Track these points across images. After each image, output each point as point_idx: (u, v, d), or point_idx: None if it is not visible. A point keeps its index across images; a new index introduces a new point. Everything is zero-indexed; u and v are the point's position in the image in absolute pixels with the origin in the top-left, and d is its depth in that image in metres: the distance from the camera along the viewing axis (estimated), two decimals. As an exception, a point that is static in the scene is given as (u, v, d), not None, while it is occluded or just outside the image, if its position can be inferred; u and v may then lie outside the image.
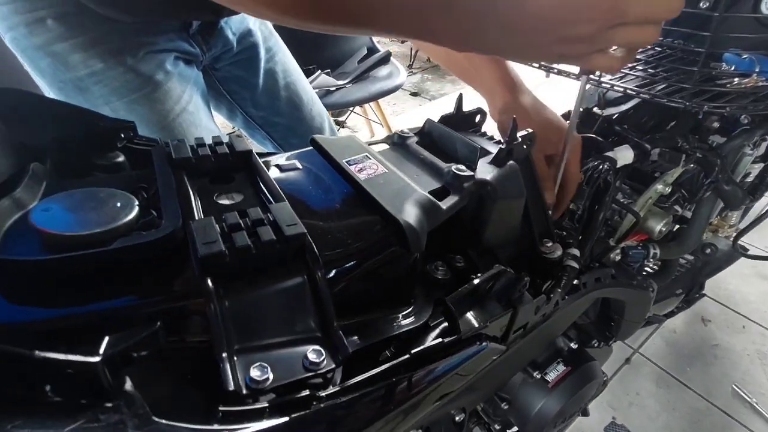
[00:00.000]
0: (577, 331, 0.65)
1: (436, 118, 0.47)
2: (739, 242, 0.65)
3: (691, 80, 0.37)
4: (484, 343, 0.32)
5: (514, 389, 0.57)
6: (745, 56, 0.39)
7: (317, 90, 1.59)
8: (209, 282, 0.23)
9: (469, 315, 0.32)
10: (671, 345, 1.10)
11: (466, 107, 0.47)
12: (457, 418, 0.48)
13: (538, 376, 0.55)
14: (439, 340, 0.29)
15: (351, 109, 2.04)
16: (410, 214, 0.31)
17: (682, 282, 0.74)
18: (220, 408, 0.19)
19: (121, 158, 0.37)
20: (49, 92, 0.56)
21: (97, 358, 0.17)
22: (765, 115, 0.55)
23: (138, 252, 0.24)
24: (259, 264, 0.25)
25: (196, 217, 0.27)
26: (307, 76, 1.62)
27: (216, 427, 0.19)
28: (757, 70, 0.38)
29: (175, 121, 0.61)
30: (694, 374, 1.03)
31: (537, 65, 0.51)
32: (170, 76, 0.60)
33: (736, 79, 0.40)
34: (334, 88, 1.57)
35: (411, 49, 3.37)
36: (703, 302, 1.20)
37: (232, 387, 0.20)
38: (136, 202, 0.27)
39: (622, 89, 0.43)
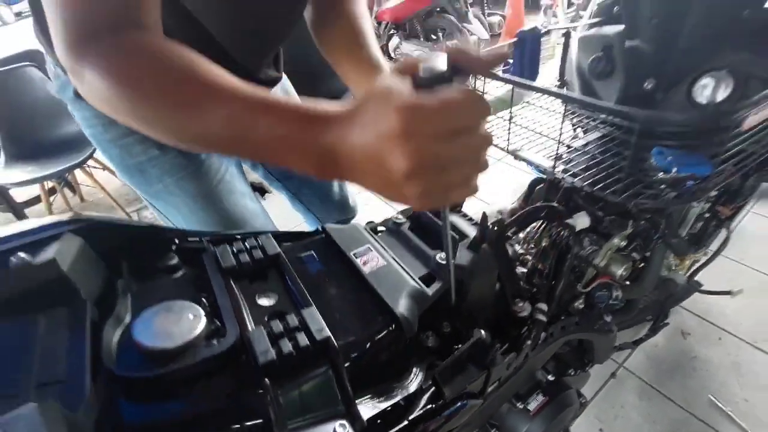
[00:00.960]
0: (555, 362, 0.75)
1: None
2: (694, 278, 0.75)
3: (621, 183, 0.47)
4: (464, 402, 0.42)
5: (502, 417, 0.67)
6: (668, 157, 0.49)
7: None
8: (267, 380, 0.33)
9: (454, 381, 0.42)
10: (653, 359, 1.20)
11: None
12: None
13: (521, 407, 0.65)
14: (431, 405, 0.39)
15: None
16: (404, 306, 0.41)
17: (651, 310, 0.84)
18: None
19: (175, 260, 0.47)
20: (116, 172, 0.69)
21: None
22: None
23: (213, 361, 0.34)
24: (297, 362, 0.35)
25: (248, 324, 0.37)
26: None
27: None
28: (674, 170, 0.48)
29: (215, 189, 0.72)
30: (674, 386, 1.13)
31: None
32: (210, 154, 0.71)
33: (661, 173, 0.50)
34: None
35: (404, 69, 3.48)
36: (682, 316, 1.30)
37: None
38: (203, 314, 0.37)
39: (570, 182, 0.53)
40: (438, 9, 2.91)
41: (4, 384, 0.30)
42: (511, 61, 0.74)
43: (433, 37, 3.14)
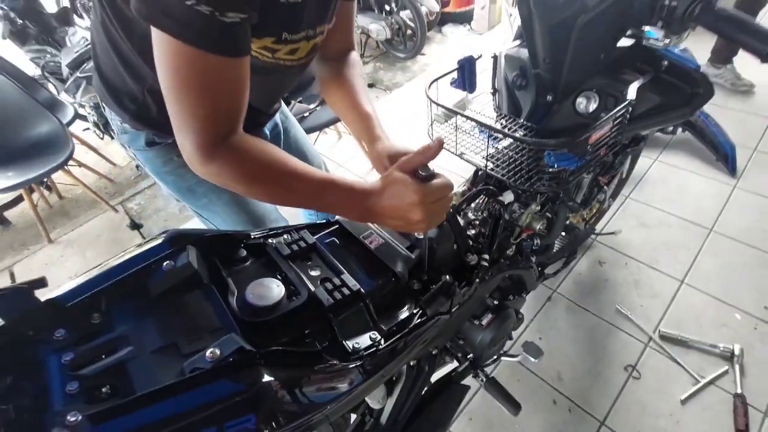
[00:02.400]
0: (499, 291, 1.06)
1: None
2: (589, 225, 1.07)
3: (524, 175, 0.75)
4: (439, 317, 0.70)
5: (465, 331, 0.98)
6: (552, 157, 0.76)
7: (296, 116, 1.87)
8: (331, 315, 0.59)
9: (431, 305, 0.71)
10: (578, 284, 1.57)
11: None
12: (433, 353, 0.88)
13: (477, 323, 0.96)
14: (420, 320, 0.67)
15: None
16: (399, 266, 0.69)
17: (565, 250, 1.17)
18: (351, 357, 0.57)
19: (244, 253, 0.72)
20: (171, 193, 0.90)
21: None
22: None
23: (298, 310, 0.60)
24: (344, 303, 0.61)
25: (310, 286, 0.63)
26: (286, 104, 1.94)
27: (350, 364, 0.56)
28: (555, 165, 0.75)
29: (243, 197, 0.94)
30: (592, 302, 1.51)
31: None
32: None
33: (551, 169, 0.77)
34: (308, 114, 1.86)
35: (361, 40, 3.59)
36: (601, 249, 1.68)
37: (351, 350, 0.57)
38: (282, 285, 0.63)
39: (498, 175, 0.80)
40: (390, -18, 3.01)
41: (192, 333, 0.55)
42: (455, 77, 0.98)
43: (387, 8, 3.25)
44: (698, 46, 0.93)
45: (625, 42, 0.82)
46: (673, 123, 0.82)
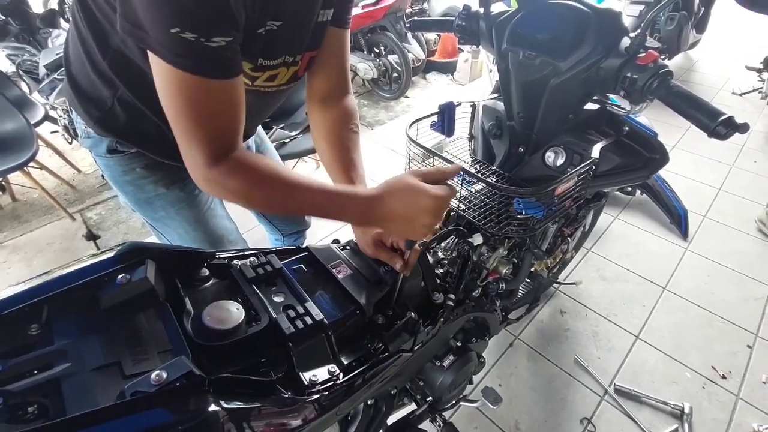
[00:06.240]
0: (463, 333, 1.06)
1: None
2: (552, 273, 1.11)
3: (494, 219, 0.77)
4: (401, 354, 0.69)
5: (426, 372, 0.96)
6: (521, 204, 0.80)
7: (275, 143, 1.88)
8: (290, 344, 0.57)
9: (394, 342, 0.70)
10: (539, 331, 1.60)
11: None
12: (392, 392, 0.86)
13: (438, 364, 0.95)
14: (381, 356, 0.66)
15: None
16: (364, 299, 0.68)
17: (528, 296, 1.20)
18: (307, 391, 0.54)
19: (206, 273, 0.69)
20: (128, 203, 0.87)
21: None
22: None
23: (256, 336, 0.57)
24: (306, 333, 0.60)
25: (272, 313, 0.61)
26: (266, 130, 1.95)
27: (306, 397, 0.54)
28: (523, 213, 0.79)
29: (205, 215, 0.93)
30: (552, 350, 1.53)
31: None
32: (201, 190, 0.91)
33: (519, 215, 0.81)
34: (288, 140, 1.87)
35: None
36: (562, 299, 1.72)
37: (307, 383, 0.55)
38: (242, 309, 0.61)
39: (469, 217, 0.83)
40: (380, 27, 3.17)
41: (139, 353, 0.52)
42: (436, 120, 1.03)
43: (375, 50, 3.40)
44: (657, 118, 1.02)
45: (591, 106, 0.89)
46: (632, 183, 0.88)
